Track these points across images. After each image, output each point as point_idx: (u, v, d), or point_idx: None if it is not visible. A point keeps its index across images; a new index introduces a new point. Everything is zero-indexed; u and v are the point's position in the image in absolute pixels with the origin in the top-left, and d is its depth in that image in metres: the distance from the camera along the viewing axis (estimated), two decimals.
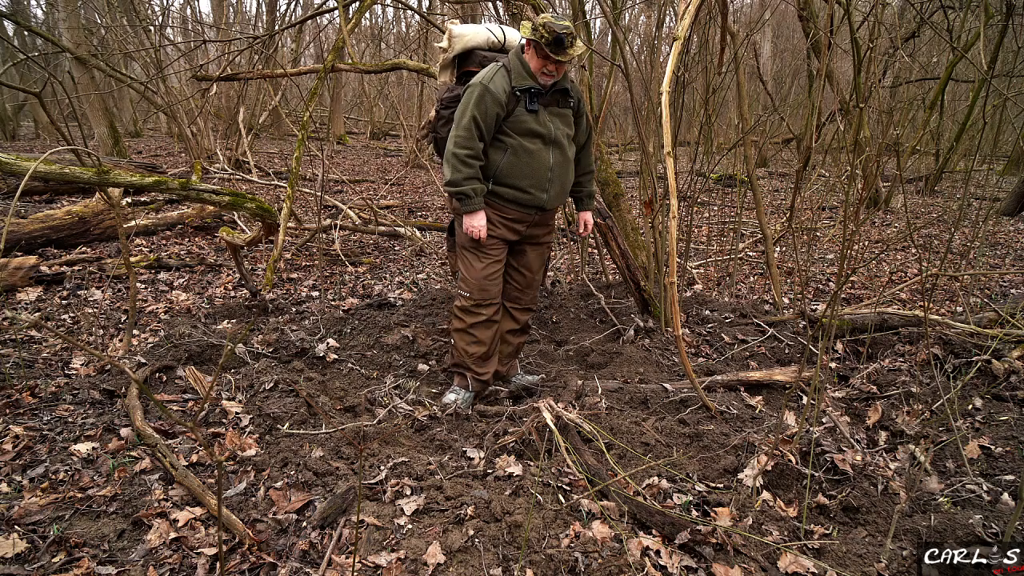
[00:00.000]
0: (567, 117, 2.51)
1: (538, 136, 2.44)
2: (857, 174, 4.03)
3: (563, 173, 2.53)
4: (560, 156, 2.49)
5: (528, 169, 2.46)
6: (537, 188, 2.48)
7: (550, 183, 2.49)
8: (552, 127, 2.45)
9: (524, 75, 2.40)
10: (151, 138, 13.68)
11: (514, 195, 2.49)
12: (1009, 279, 4.77)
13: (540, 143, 2.45)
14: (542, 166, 2.46)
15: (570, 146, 2.54)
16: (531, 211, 2.53)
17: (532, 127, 2.43)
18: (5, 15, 8.42)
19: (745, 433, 2.20)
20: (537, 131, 2.43)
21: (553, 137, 2.46)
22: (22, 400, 2.32)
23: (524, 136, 2.43)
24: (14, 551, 1.56)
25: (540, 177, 2.47)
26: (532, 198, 2.49)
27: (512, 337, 2.75)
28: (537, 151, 2.45)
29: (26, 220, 4.50)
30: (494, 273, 2.57)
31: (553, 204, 2.55)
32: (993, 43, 7.39)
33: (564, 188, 2.57)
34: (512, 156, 2.45)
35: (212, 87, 7.57)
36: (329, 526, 1.73)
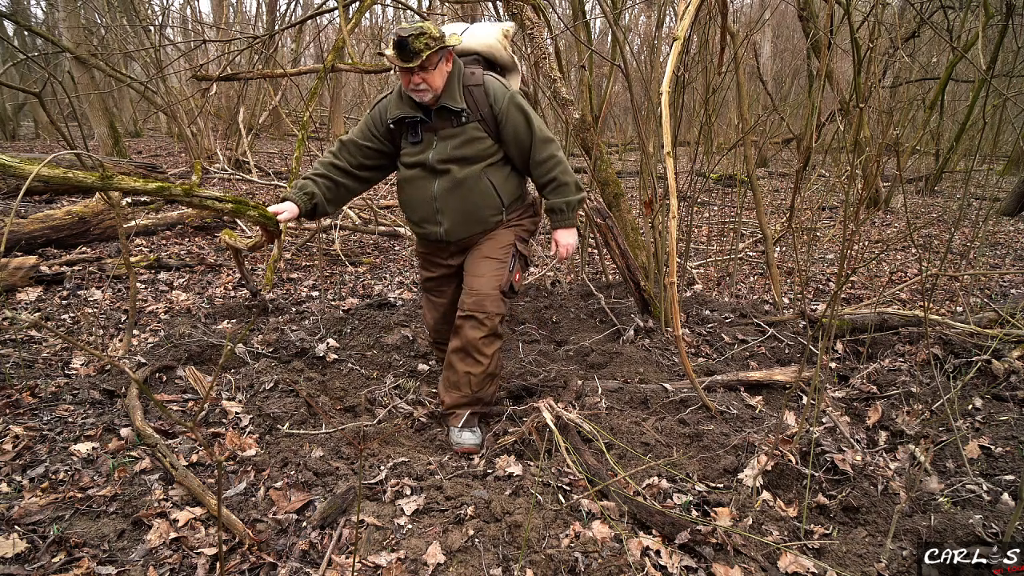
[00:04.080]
0: (466, 136, 2.17)
1: (418, 166, 2.22)
2: (857, 174, 4.03)
3: (456, 201, 2.21)
4: (448, 183, 2.19)
5: (412, 201, 2.28)
6: (427, 221, 2.27)
7: (440, 214, 2.23)
8: (435, 154, 2.17)
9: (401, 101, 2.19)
10: (151, 138, 13.69)
11: (415, 229, 2.37)
12: (1009, 279, 4.77)
13: (421, 172, 2.22)
14: (424, 197, 2.23)
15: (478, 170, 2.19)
16: (438, 243, 2.34)
17: (414, 159, 2.22)
18: (5, 15, 8.41)
19: (745, 433, 2.20)
20: (416, 161, 2.22)
21: (431, 165, 2.18)
22: (22, 400, 2.32)
23: (407, 168, 2.26)
24: (14, 551, 1.56)
25: (425, 209, 2.25)
26: (427, 232, 2.30)
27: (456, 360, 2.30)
28: (418, 181, 2.24)
29: (26, 220, 4.50)
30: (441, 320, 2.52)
31: (456, 236, 2.28)
32: (993, 43, 7.39)
33: (468, 217, 2.25)
34: (399, 190, 2.33)
35: (212, 87, 7.58)
36: (329, 526, 1.73)
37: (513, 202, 2.31)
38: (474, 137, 2.17)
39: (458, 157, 2.18)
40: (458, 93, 2.14)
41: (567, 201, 2.26)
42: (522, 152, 2.23)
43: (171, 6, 14.13)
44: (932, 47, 9.97)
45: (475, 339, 2.24)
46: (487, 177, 2.22)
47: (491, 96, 2.16)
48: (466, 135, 2.17)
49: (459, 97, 2.14)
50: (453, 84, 2.13)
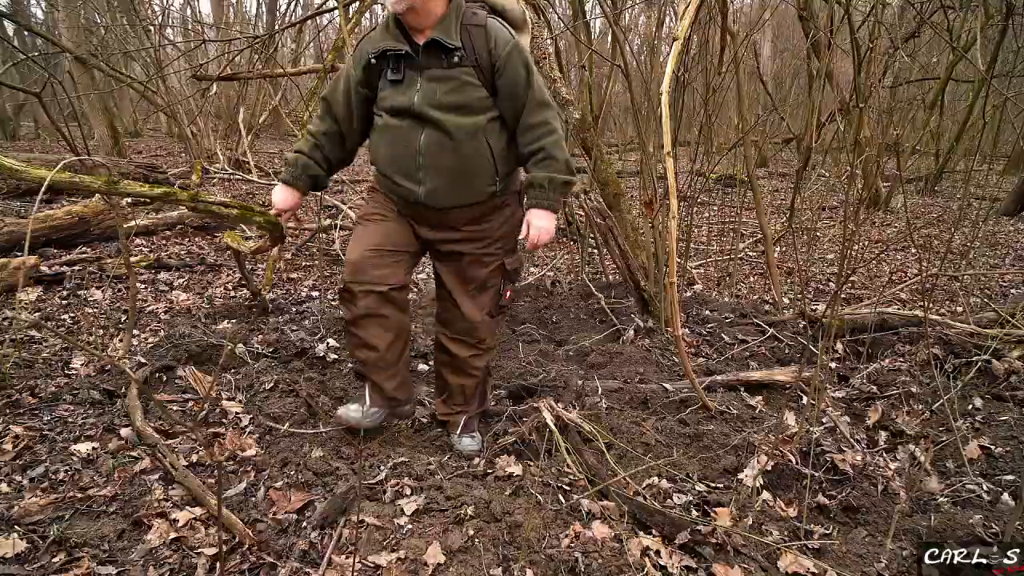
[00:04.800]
0: (457, 81, 1.84)
1: (401, 112, 1.88)
2: (857, 174, 4.03)
3: (447, 159, 1.88)
4: (437, 136, 1.86)
5: (391, 153, 1.94)
6: (406, 178, 1.92)
7: (423, 171, 1.89)
8: (421, 98, 1.85)
9: (386, 32, 1.88)
10: (151, 138, 13.68)
11: (389, 186, 2.00)
12: (1009, 279, 4.77)
13: (405, 120, 1.88)
14: (407, 150, 1.89)
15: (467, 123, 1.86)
16: (414, 208, 2.00)
17: (394, 102, 1.88)
18: (5, 15, 8.41)
19: (745, 433, 2.20)
20: (399, 106, 1.87)
21: (419, 111, 1.85)
22: (22, 400, 2.32)
23: (389, 113, 1.92)
24: (14, 551, 1.56)
25: (406, 164, 1.90)
26: (404, 191, 1.95)
27: (447, 374, 2.20)
28: (399, 131, 1.89)
29: (26, 220, 4.50)
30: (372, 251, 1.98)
31: (438, 200, 1.93)
32: (993, 43, 7.39)
33: (457, 179, 1.91)
34: (376, 136, 1.98)
35: (212, 87, 7.58)
36: (329, 526, 1.73)
37: (507, 175, 1.99)
38: (467, 83, 1.85)
39: (450, 105, 1.85)
40: (454, 29, 1.83)
41: (550, 177, 1.90)
42: (514, 111, 1.91)
43: (171, 6, 14.13)
44: (932, 47, 9.96)
45: (465, 357, 2.14)
46: (484, 136, 1.89)
47: (492, 40, 1.85)
48: (458, 79, 1.84)
49: (455, 34, 1.83)
50: (450, 18, 1.83)
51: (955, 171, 9.28)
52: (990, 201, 7.33)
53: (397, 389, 2.13)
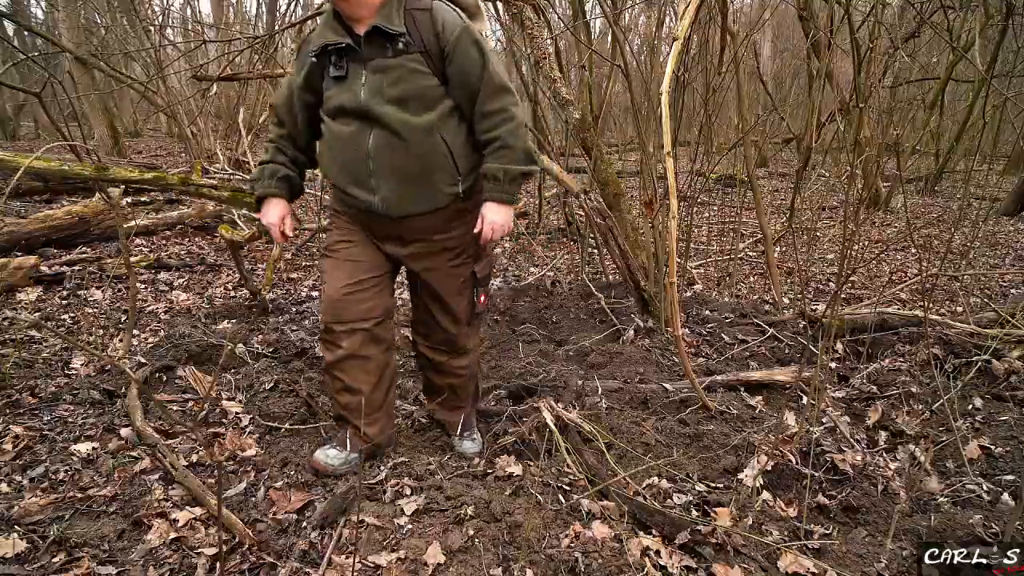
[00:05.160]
0: (404, 69, 1.70)
1: (347, 112, 1.74)
2: (857, 174, 4.03)
3: (399, 160, 1.73)
4: (386, 136, 1.71)
5: (340, 160, 1.80)
6: (358, 186, 1.78)
7: (376, 177, 1.75)
8: (366, 92, 1.70)
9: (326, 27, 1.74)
10: (151, 138, 13.68)
11: (344, 199, 1.87)
12: (1009, 279, 4.77)
13: (352, 122, 1.74)
14: (356, 154, 1.74)
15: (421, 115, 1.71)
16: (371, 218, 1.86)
17: (339, 100, 1.74)
18: (5, 15, 8.41)
19: (745, 433, 2.20)
20: (345, 104, 1.73)
21: (365, 107, 1.70)
22: (22, 400, 2.32)
23: (332, 117, 1.78)
24: (14, 551, 1.56)
25: (357, 170, 1.77)
26: (359, 201, 1.81)
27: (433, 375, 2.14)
28: (345, 134, 1.75)
29: (26, 220, 4.50)
30: (350, 286, 1.86)
31: (394, 208, 1.78)
32: (993, 43, 7.39)
33: (413, 183, 1.76)
34: (323, 146, 1.87)
35: (212, 87, 7.57)
36: (329, 526, 1.73)
37: (470, 173, 1.83)
38: (414, 71, 1.70)
39: (396, 97, 1.70)
40: (397, 14, 1.70)
41: (505, 169, 1.77)
42: (469, 98, 1.76)
43: (171, 6, 14.13)
44: (932, 47, 9.96)
45: (445, 361, 2.08)
46: (439, 131, 1.74)
47: (439, 23, 1.70)
48: (404, 68, 1.70)
49: (397, 19, 1.69)
50: (391, 3, 1.71)
51: (955, 171, 9.28)
52: (990, 201, 7.34)
53: (380, 434, 2.01)
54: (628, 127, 10.79)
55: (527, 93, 4.42)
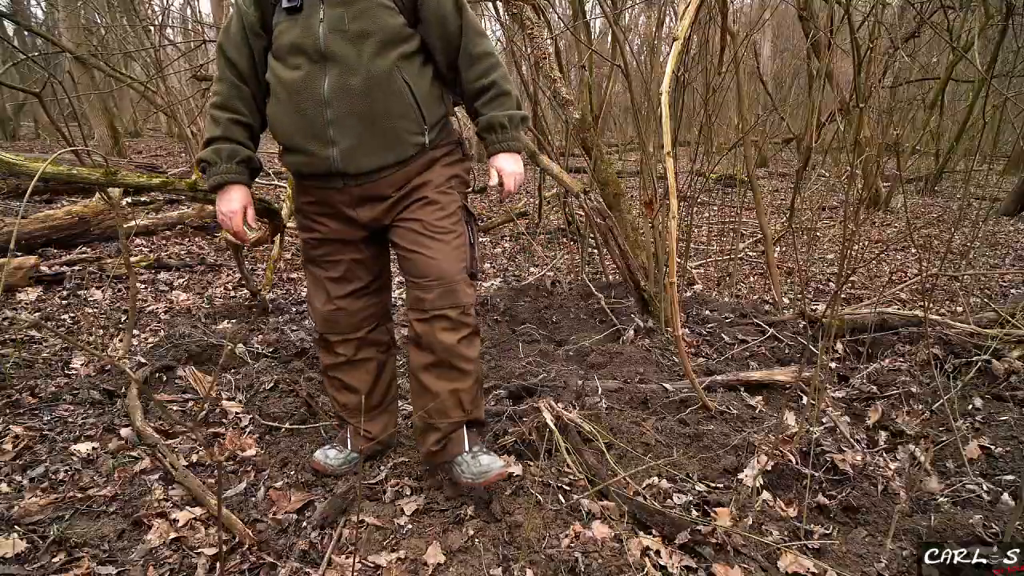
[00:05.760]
0: (366, 3, 1.52)
1: (301, 51, 1.52)
2: (857, 174, 4.03)
3: (359, 105, 1.54)
4: (344, 79, 1.52)
5: (290, 111, 1.56)
6: (315, 140, 1.56)
7: (334, 127, 1.54)
8: (322, 29, 1.50)
9: None
10: (151, 138, 13.69)
11: (291, 160, 1.64)
12: (1009, 279, 4.77)
13: (306, 64, 1.53)
14: (311, 101, 1.53)
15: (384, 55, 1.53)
16: (330, 182, 1.63)
17: (291, 36, 1.53)
18: (5, 15, 8.41)
19: (745, 433, 2.20)
20: (298, 42, 1.52)
21: (319, 47, 1.51)
22: (22, 400, 2.32)
23: (282, 59, 1.56)
24: (14, 551, 1.56)
25: (313, 121, 1.54)
26: (312, 159, 1.58)
27: (430, 379, 1.71)
28: (298, 79, 1.53)
29: (26, 220, 4.50)
30: (336, 301, 1.77)
31: (357, 164, 1.59)
32: (993, 43, 7.39)
33: (374, 132, 1.57)
34: (273, 101, 1.61)
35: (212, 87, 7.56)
36: (329, 526, 1.73)
37: (437, 122, 1.67)
38: (380, 5, 1.52)
39: (357, 33, 1.51)
40: None
41: (509, 115, 1.66)
42: (447, 42, 1.62)
43: (171, 6, 14.13)
44: (932, 47, 9.97)
45: (452, 344, 1.66)
46: (401, 73, 1.56)
47: None
48: (369, 1, 1.52)
49: None
50: None
51: (955, 171, 9.28)
52: (990, 201, 7.34)
53: (382, 431, 1.97)
54: (628, 127, 10.79)
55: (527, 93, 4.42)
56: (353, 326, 1.82)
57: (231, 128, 1.63)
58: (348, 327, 1.82)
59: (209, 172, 1.63)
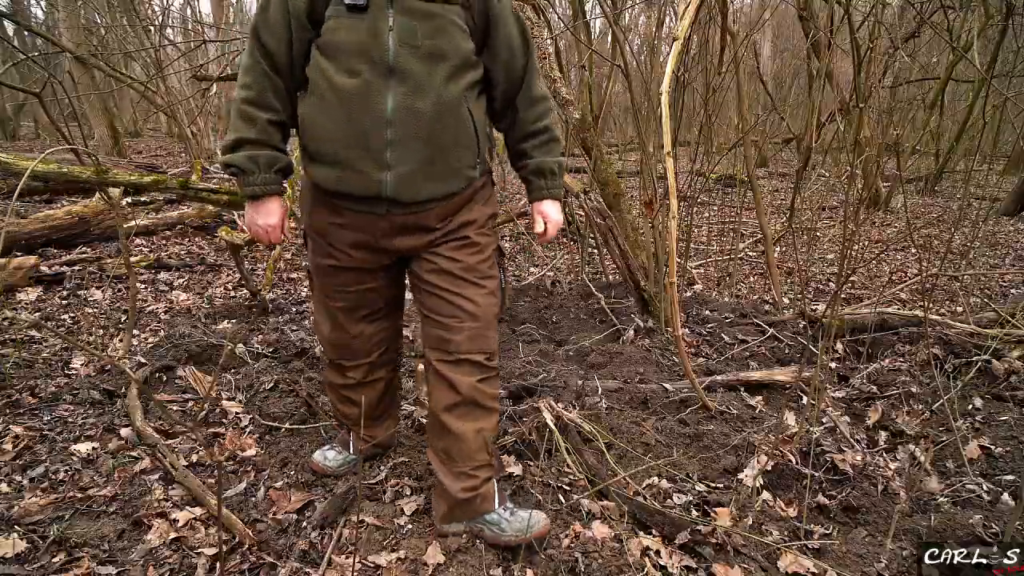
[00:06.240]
0: (443, 20, 1.38)
1: (360, 57, 1.34)
2: (857, 174, 4.03)
3: (425, 131, 1.39)
4: (412, 99, 1.36)
5: (340, 122, 1.36)
6: (367, 160, 1.38)
7: (393, 149, 1.38)
8: (391, 40, 1.34)
9: None
10: (151, 138, 13.69)
11: (328, 176, 1.42)
12: (1009, 279, 4.77)
13: (362, 71, 1.34)
14: (370, 116, 1.35)
15: (454, 80, 1.41)
16: (372, 206, 1.46)
17: (347, 39, 1.34)
18: (5, 15, 8.41)
19: (745, 433, 2.20)
20: (359, 46, 1.34)
21: (391, 58, 1.34)
22: (22, 400, 2.32)
23: (336, 61, 1.36)
24: (14, 551, 1.56)
25: (365, 136, 1.37)
26: (363, 182, 1.40)
27: (454, 420, 1.58)
28: (354, 89, 1.34)
29: (26, 220, 4.50)
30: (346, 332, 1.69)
31: (410, 191, 1.43)
32: (993, 43, 7.39)
33: (435, 162, 1.44)
34: (316, 100, 1.39)
35: (212, 87, 7.57)
36: (329, 526, 1.73)
37: (486, 153, 1.58)
38: (453, 24, 1.39)
39: (430, 52, 1.37)
40: None
41: (559, 162, 1.64)
42: (510, 77, 1.53)
43: (171, 6, 14.12)
44: (932, 47, 9.97)
45: (479, 386, 1.58)
46: (467, 102, 1.44)
47: None
48: (444, 18, 1.37)
49: None
50: None
51: (955, 171, 9.28)
52: (990, 201, 7.34)
53: (384, 434, 1.98)
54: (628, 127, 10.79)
55: None
56: (365, 351, 1.77)
57: (268, 130, 1.44)
58: (360, 353, 1.76)
59: (243, 180, 1.46)
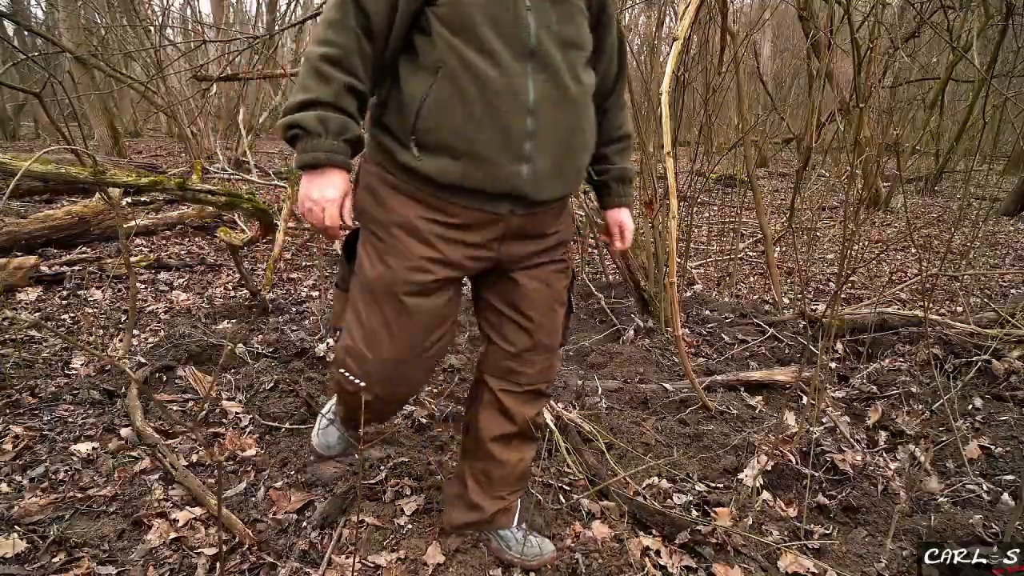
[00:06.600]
0: (573, 7, 1.26)
1: (498, 37, 1.17)
2: (857, 174, 4.03)
3: (563, 123, 1.26)
4: (550, 88, 1.22)
5: (478, 108, 1.18)
6: (502, 148, 1.21)
7: (532, 142, 1.22)
8: (532, 21, 1.19)
9: None
10: (151, 138, 13.69)
11: (448, 168, 1.22)
12: (1009, 279, 4.77)
13: (503, 56, 1.18)
14: (510, 102, 1.19)
15: (584, 72, 1.29)
16: (495, 205, 1.27)
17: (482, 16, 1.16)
18: (5, 15, 8.41)
19: (745, 433, 2.20)
20: (498, 26, 1.17)
21: (533, 42, 1.19)
22: (22, 400, 2.32)
23: (468, 38, 1.17)
24: (14, 551, 1.56)
25: (505, 126, 1.20)
26: (487, 173, 1.22)
27: (501, 449, 1.51)
28: (499, 72, 1.18)
29: (26, 220, 4.50)
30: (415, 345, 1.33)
31: (544, 187, 1.28)
32: (993, 43, 7.39)
33: (568, 158, 1.31)
34: (446, 83, 1.18)
35: (212, 87, 7.57)
36: (329, 526, 1.73)
37: None
38: (581, 14, 1.28)
39: (565, 40, 1.24)
40: None
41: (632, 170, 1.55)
42: (607, 79, 1.42)
43: (171, 6, 14.13)
44: (932, 47, 9.97)
45: (535, 418, 1.52)
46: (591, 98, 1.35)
47: None
48: (574, 7, 1.26)
49: None
50: None
51: (955, 171, 9.28)
52: (990, 201, 7.34)
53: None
54: None
55: None
56: (418, 383, 1.46)
57: (344, 95, 1.20)
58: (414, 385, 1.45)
59: (305, 143, 1.17)
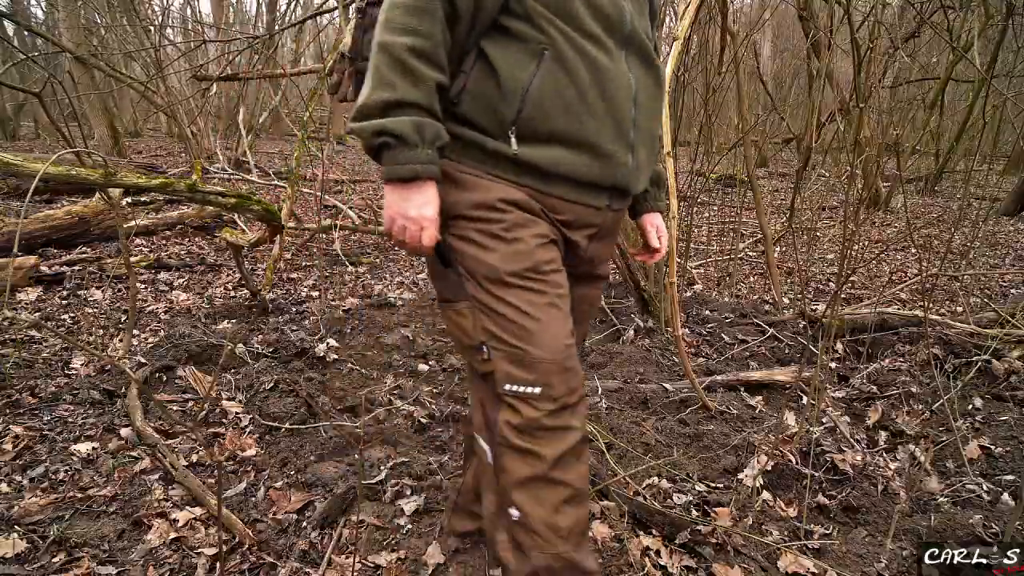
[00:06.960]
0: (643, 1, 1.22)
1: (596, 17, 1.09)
2: (857, 174, 4.03)
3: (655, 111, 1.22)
4: (647, 77, 1.18)
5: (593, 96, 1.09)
6: (615, 138, 1.13)
7: (636, 131, 1.16)
8: (629, 6, 1.14)
9: None
10: (151, 138, 13.69)
11: (558, 158, 1.11)
12: (1009, 279, 4.77)
13: (606, 42, 1.11)
14: (620, 89, 1.12)
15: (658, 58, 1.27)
16: (596, 198, 1.18)
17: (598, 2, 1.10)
18: (5, 15, 8.41)
19: (745, 433, 2.20)
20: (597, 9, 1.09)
21: (628, 26, 1.13)
22: (22, 400, 2.32)
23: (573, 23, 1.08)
24: (14, 551, 1.56)
25: (618, 118, 1.13)
26: (599, 164, 1.13)
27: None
28: (604, 61, 1.10)
29: (26, 220, 4.50)
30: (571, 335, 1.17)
31: (641, 182, 1.24)
32: (993, 43, 7.40)
33: (655, 147, 1.26)
34: (556, 67, 1.08)
35: (212, 87, 7.58)
36: (329, 526, 1.73)
37: None
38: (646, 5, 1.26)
39: (644, 28, 1.20)
40: None
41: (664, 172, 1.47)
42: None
43: (171, 6, 14.14)
44: (932, 47, 9.97)
45: None
46: None
47: None
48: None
49: None
50: None
51: (955, 171, 9.29)
52: (990, 201, 7.34)
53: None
54: None
55: None
56: (583, 377, 1.22)
57: (434, 96, 1.06)
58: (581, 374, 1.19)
59: (398, 154, 1.03)
